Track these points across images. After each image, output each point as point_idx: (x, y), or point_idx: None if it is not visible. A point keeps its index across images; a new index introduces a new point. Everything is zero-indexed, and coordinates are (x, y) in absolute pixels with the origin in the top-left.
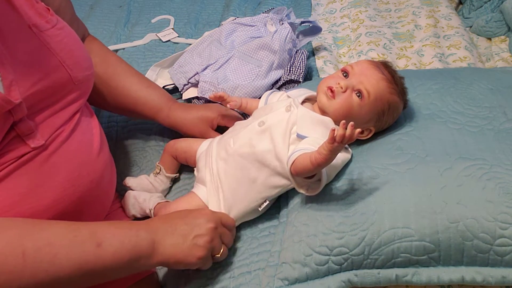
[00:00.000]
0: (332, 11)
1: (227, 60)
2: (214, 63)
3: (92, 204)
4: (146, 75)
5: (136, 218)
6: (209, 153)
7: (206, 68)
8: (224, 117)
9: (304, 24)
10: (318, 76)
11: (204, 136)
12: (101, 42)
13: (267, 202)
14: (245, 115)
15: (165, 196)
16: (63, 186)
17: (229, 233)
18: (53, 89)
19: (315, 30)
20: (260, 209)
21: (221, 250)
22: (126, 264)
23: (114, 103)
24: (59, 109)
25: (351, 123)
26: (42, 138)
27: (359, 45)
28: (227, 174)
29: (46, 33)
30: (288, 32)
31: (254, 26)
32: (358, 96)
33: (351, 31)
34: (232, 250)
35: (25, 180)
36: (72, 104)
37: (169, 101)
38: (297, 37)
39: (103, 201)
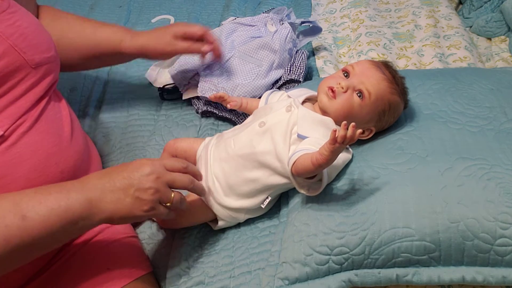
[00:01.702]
0: (332, 11)
1: (228, 60)
2: (214, 63)
3: None
4: (146, 75)
5: None
6: (208, 153)
7: (206, 68)
8: (188, 31)
9: (304, 24)
10: (318, 76)
11: (172, 48)
12: (53, 7)
13: (269, 198)
14: (245, 115)
15: None
16: (28, 177)
17: (180, 176)
18: (6, 74)
19: (315, 30)
20: (263, 206)
21: (172, 197)
22: (61, 229)
23: (78, 55)
24: (19, 95)
25: (352, 124)
26: (1, 128)
27: (359, 45)
28: (227, 175)
29: None
30: (289, 31)
31: (254, 26)
32: (359, 96)
33: (351, 31)
34: (231, 249)
35: None
36: (33, 89)
37: (127, 30)
38: (297, 37)
39: None
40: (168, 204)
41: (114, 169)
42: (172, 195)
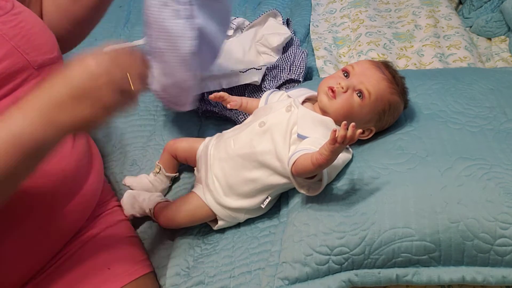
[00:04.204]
0: (332, 11)
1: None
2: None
3: (69, 196)
4: None
5: (135, 218)
6: (208, 153)
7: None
8: None
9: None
10: (318, 76)
11: None
12: None
13: (269, 198)
14: (245, 115)
15: (165, 195)
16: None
17: (133, 64)
18: (9, 74)
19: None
20: (263, 206)
21: (130, 83)
22: (21, 159)
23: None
24: (21, 96)
25: (352, 124)
26: None
27: (359, 45)
28: (227, 175)
29: None
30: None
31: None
32: (359, 96)
33: (351, 31)
34: (231, 249)
35: None
36: None
37: None
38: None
39: (84, 194)
40: (132, 90)
41: (53, 79)
42: (130, 82)
